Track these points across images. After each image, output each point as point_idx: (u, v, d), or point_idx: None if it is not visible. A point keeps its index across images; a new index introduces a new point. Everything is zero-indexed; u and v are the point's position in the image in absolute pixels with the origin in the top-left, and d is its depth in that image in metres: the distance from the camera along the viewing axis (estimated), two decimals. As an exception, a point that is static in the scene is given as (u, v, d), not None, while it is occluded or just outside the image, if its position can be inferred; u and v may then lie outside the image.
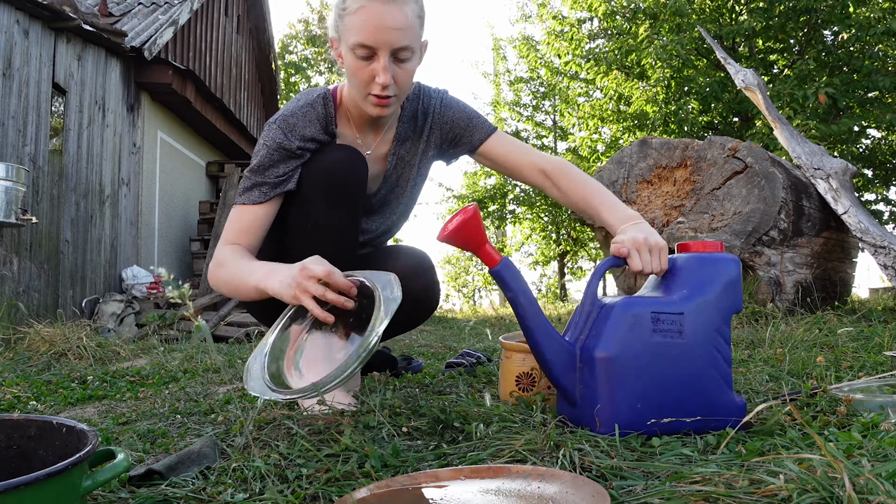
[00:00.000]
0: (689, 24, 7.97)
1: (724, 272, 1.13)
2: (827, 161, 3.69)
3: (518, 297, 1.12)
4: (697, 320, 1.09)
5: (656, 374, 1.06)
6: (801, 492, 0.69)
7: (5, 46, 4.00)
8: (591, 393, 1.07)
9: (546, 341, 1.11)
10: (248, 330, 4.37)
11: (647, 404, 1.06)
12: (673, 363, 1.07)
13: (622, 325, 1.07)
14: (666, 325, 1.08)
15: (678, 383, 1.07)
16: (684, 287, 1.13)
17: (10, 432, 0.80)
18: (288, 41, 16.09)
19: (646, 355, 1.07)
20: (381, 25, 1.18)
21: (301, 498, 0.84)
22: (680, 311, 1.09)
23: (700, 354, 1.08)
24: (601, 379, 1.06)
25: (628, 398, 1.05)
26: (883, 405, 1.08)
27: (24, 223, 3.58)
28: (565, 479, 0.80)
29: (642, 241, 1.15)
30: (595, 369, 1.07)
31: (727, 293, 1.12)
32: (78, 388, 1.98)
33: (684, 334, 1.08)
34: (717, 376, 1.09)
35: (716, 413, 1.08)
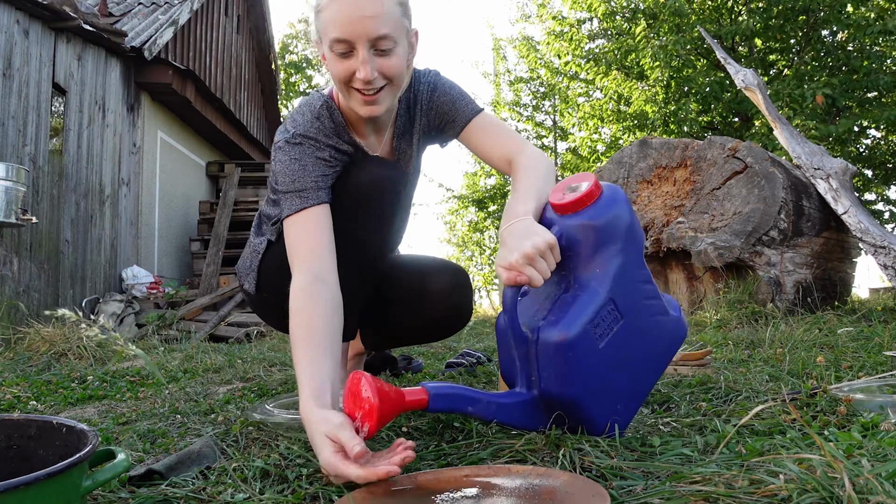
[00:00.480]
0: (688, 25, 7.98)
1: (620, 221, 1.01)
2: (827, 161, 3.69)
3: (465, 409, 0.99)
4: (625, 292, 1.00)
5: (618, 370, 1.01)
6: (801, 492, 0.69)
7: (5, 46, 4.00)
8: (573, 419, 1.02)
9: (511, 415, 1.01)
10: (248, 330, 4.37)
11: (624, 399, 1.03)
12: (625, 347, 1.01)
13: (570, 360, 0.97)
14: (604, 323, 0.99)
15: (637, 357, 1.03)
16: (592, 265, 1.00)
17: (10, 432, 0.80)
18: (288, 41, 16.08)
19: (601, 366, 0.99)
20: (353, 16, 1.10)
21: (301, 498, 0.84)
22: (608, 298, 0.99)
23: (639, 318, 1.02)
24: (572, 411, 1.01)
25: (606, 413, 1.01)
26: (883, 405, 1.08)
27: (25, 223, 3.59)
28: (565, 479, 0.80)
29: (531, 253, 0.97)
30: (563, 407, 1.01)
31: (631, 238, 1.02)
32: (78, 387, 1.98)
33: (620, 314, 1.00)
34: (658, 319, 1.04)
35: (669, 342, 1.06)
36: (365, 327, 1.52)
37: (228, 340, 4.21)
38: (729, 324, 2.97)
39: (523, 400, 1.02)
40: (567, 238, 1.01)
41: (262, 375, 2.11)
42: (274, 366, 2.38)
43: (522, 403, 1.02)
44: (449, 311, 1.42)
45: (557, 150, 13.61)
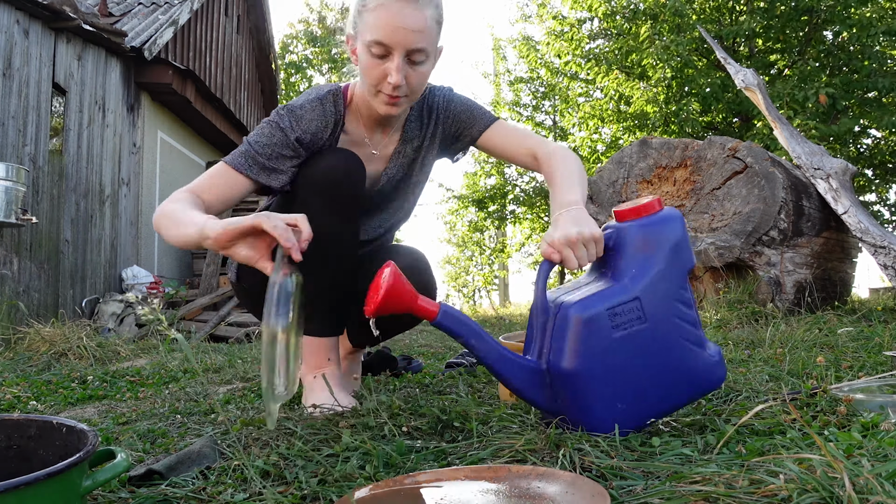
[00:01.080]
0: (688, 25, 7.98)
1: (669, 234, 1.05)
2: (827, 161, 3.69)
3: (468, 339, 1.05)
4: (655, 298, 1.02)
5: (628, 370, 1.02)
6: (801, 492, 0.69)
7: (5, 46, 4.00)
8: (570, 404, 1.04)
9: (509, 370, 1.05)
10: (248, 330, 4.37)
11: (627, 401, 1.03)
12: (641, 352, 1.02)
13: (580, 335, 1.01)
14: (624, 317, 1.02)
15: (652, 368, 1.03)
16: (632, 265, 1.04)
17: (10, 432, 0.80)
18: (288, 41, 16.09)
19: (612, 356, 1.01)
20: (398, 25, 1.18)
21: (301, 498, 0.84)
22: (635, 296, 1.02)
23: (666, 331, 1.03)
24: (573, 393, 1.02)
25: (606, 404, 1.02)
26: (883, 405, 1.08)
27: (25, 223, 3.59)
28: (565, 479, 0.80)
29: (575, 239, 1.06)
30: (565, 384, 1.03)
31: (677, 255, 1.05)
32: (78, 387, 1.98)
33: (645, 317, 1.02)
34: (687, 345, 1.04)
35: (696, 378, 1.04)
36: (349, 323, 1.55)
37: (228, 340, 4.21)
38: (729, 324, 2.96)
39: (529, 365, 1.05)
40: (616, 240, 1.07)
41: (262, 375, 2.11)
42: (274, 366, 2.38)
43: (526, 367, 1.05)
44: None
45: (557, 150, 13.59)
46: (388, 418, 1.16)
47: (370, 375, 1.88)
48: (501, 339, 1.46)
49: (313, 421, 1.18)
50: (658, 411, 1.04)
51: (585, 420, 1.03)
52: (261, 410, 1.39)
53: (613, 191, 3.94)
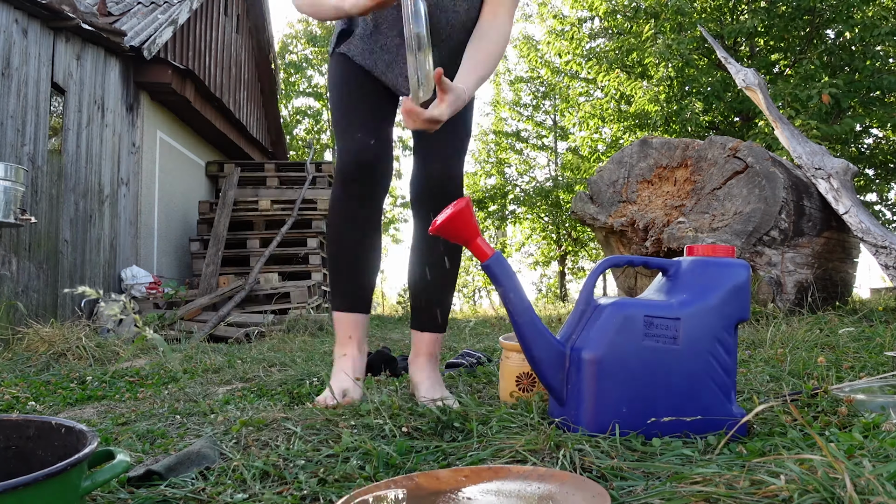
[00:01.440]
0: (690, 24, 7.98)
1: (731, 277, 1.09)
2: (828, 161, 3.69)
3: (508, 292, 1.10)
4: (695, 327, 1.05)
5: (646, 380, 1.04)
6: (802, 492, 0.69)
7: (4, 46, 4.00)
8: (578, 393, 1.06)
9: (535, 338, 1.09)
10: (247, 330, 4.37)
11: (633, 409, 1.04)
12: (664, 370, 1.04)
13: (612, 327, 1.05)
14: (659, 329, 1.05)
15: (669, 391, 1.04)
16: (686, 291, 1.09)
17: (8, 433, 0.80)
18: (288, 41, 16.08)
19: (635, 359, 1.04)
20: None
21: (300, 498, 0.83)
22: (676, 316, 1.06)
23: (695, 362, 1.05)
24: (587, 380, 1.05)
25: (613, 401, 1.03)
26: (884, 406, 1.08)
27: (23, 223, 3.58)
28: (566, 480, 0.80)
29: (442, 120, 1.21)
30: (581, 370, 1.05)
31: (732, 300, 1.08)
32: (77, 388, 1.97)
33: (679, 340, 1.05)
34: (712, 386, 1.05)
35: (708, 410, 1.05)
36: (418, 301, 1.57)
37: (228, 341, 4.21)
38: (729, 324, 2.96)
39: (554, 341, 1.10)
40: (684, 269, 1.14)
41: (262, 376, 2.11)
42: (273, 366, 2.38)
43: (552, 342, 1.10)
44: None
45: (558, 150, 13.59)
46: (388, 418, 1.16)
47: (370, 375, 1.88)
48: (501, 340, 1.46)
49: (313, 421, 1.18)
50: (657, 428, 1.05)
51: (587, 413, 1.05)
52: (261, 410, 1.39)
53: (614, 191, 3.94)
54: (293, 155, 14.88)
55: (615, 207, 3.90)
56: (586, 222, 4.02)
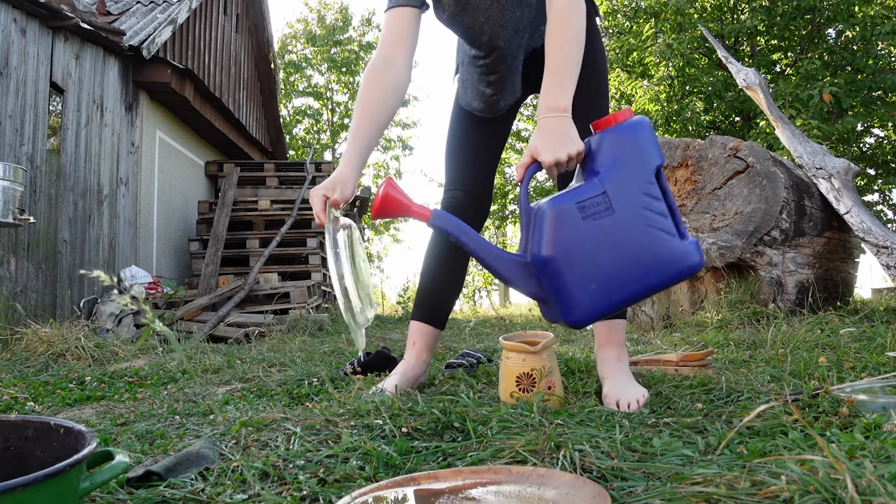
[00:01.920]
0: (690, 23, 7.98)
1: (632, 137, 1.19)
2: (829, 160, 3.68)
3: (460, 237, 1.20)
4: (621, 192, 1.15)
5: (598, 254, 1.14)
6: (803, 493, 0.69)
7: (2, 45, 4.00)
8: (554, 292, 1.16)
9: (498, 263, 1.19)
10: (247, 330, 4.37)
11: (601, 283, 1.14)
12: (610, 238, 1.14)
13: (553, 224, 1.15)
14: (592, 209, 1.15)
15: (621, 253, 1.14)
16: (602, 166, 1.19)
17: (7, 433, 0.79)
18: (287, 40, 16.07)
19: (584, 242, 1.14)
20: None
21: (300, 499, 0.83)
22: (602, 190, 1.15)
23: (632, 220, 1.15)
24: (554, 277, 1.15)
25: (582, 285, 1.13)
26: (885, 406, 1.08)
27: (22, 223, 3.58)
28: (566, 480, 0.80)
29: (563, 160, 1.21)
30: (546, 271, 1.15)
31: (641, 154, 1.18)
32: (76, 388, 1.97)
33: (612, 209, 1.15)
34: (656, 232, 1.15)
35: (666, 263, 1.15)
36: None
37: (227, 341, 4.21)
38: (730, 324, 2.96)
39: (515, 258, 1.20)
40: (592, 148, 1.22)
41: (262, 376, 2.11)
42: (273, 366, 2.38)
43: (513, 260, 1.20)
44: None
45: (557, 150, 13.56)
46: (388, 418, 1.15)
47: (370, 376, 1.87)
48: (501, 340, 1.46)
49: (313, 421, 1.17)
50: (632, 293, 1.15)
51: (566, 302, 1.15)
52: (260, 410, 1.38)
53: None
54: (293, 155, 14.88)
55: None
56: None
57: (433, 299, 1.67)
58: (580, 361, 1.86)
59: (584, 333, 3.63)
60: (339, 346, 3.13)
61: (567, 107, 1.26)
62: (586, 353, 2.15)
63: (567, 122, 1.24)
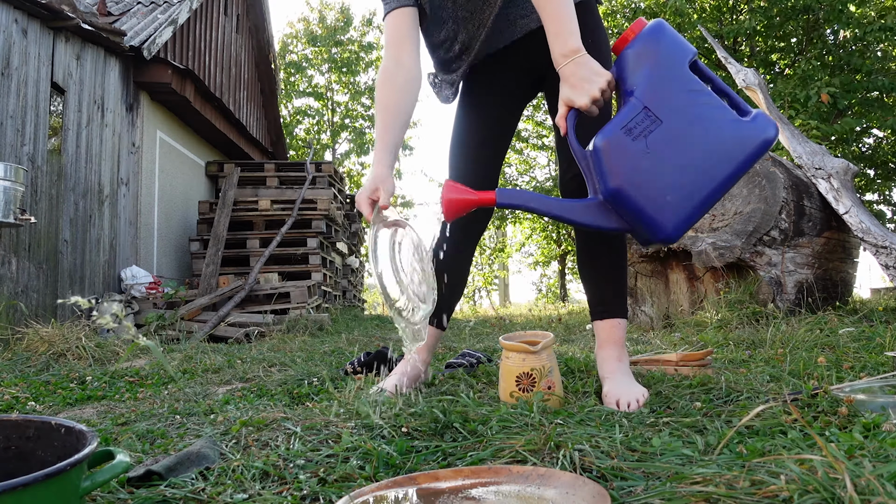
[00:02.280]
0: (689, 24, 7.98)
1: (653, 44, 1.18)
2: (828, 161, 3.68)
3: (530, 204, 1.21)
4: (661, 100, 1.15)
5: (662, 167, 1.13)
6: (803, 492, 0.69)
7: (3, 45, 4.00)
8: (636, 217, 1.16)
9: (574, 213, 1.20)
10: (247, 330, 4.37)
11: (675, 194, 1.13)
12: (669, 146, 1.14)
13: (608, 158, 1.14)
14: (638, 128, 1.15)
15: (686, 156, 1.14)
16: (633, 84, 1.17)
17: (8, 433, 0.80)
18: (288, 40, 16.07)
19: (640, 162, 1.14)
20: None
21: (300, 498, 0.83)
22: (642, 107, 1.15)
23: (686, 120, 1.15)
24: (630, 205, 1.15)
25: (657, 202, 1.13)
26: (884, 406, 1.08)
27: (23, 223, 3.58)
28: (566, 480, 0.80)
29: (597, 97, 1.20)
30: (620, 202, 1.15)
31: (669, 56, 1.18)
32: (77, 388, 1.97)
33: (659, 120, 1.14)
34: (715, 120, 1.15)
35: (737, 144, 1.14)
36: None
37: (228, 341, 4.21)
38: (730, 324, 2.96)
39: (589, 202, 1.21)
40: (618, 72, 1.22)
41: (262, 376, 2.11)
42: (273, 366, 2.38)
43: (588, 205, 1.21)
44: None
45: (557, 150, 13.56)
46: (388, 418, 1.15)
47: (370, 375, 1.87)
48: (501, 340, 1.46)
49: (313, 421, 1.18)
50: (711, 190, 1.14)
51: (650, 223, 1.15)
52: (260, 411, 1.39)
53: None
54: (293, 155, 14.88)
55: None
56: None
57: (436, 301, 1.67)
58: (580, 361, 1.86)
59: (584, 333, 3.63)
60: (339, 345, 3.13)
61: (578, 46, 1.25)
62: (586, 353, 2.16)
63: (585, 59, 1.24)
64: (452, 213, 1.22)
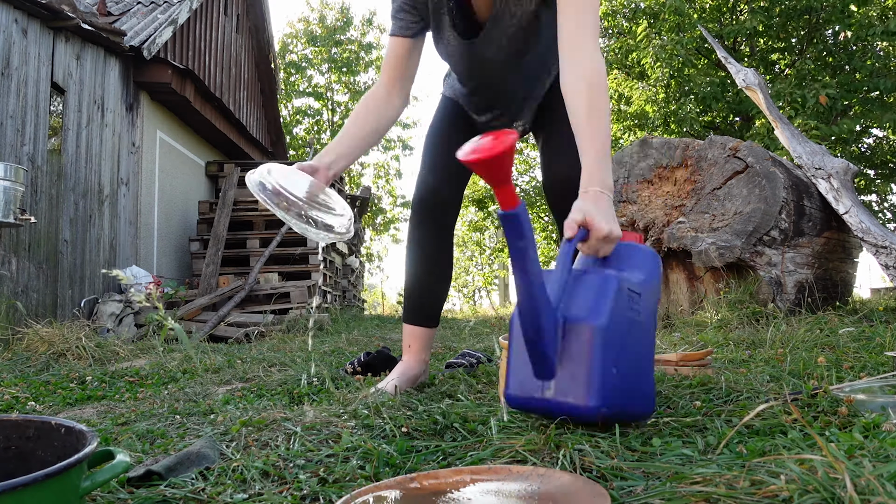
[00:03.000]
0: (689, 24, 7.98)
1: (657, 267, 1.20)
2: (828, 161, 3.69)
3: (529, 248, 0.99)
4: (648, 304, 1.15)
5: (628, 348, 1.09)
6: (803, 492, 0.69)
7: (3, 45, 4.00)
8: (574, 362, 1.03)
9: (544, 305, 1.02)
10: (247, 330, 4.37)
11: (620, 370, 1.06)
12: (636, 340, 1.12)
13: (611, 296, 1.06)
14: (635, 303, 1.12)
15: (636, 361, 1.12)
16: (637, 270, 1.15)
17: (8, 433, 0.80)
18: (288, 40, 16.08)
19: (623, 327, 1.08)
20: None
21: (300, 498, 0.83)
22: (639, 291, 1.13)
23: (648, 337, 1.15)
24: (591, 348, 1.02)
25: (610, 365, 1.05)
26: (884, 406, 1.08)
27: (23, 223, 3.58)
28: (566, 480, 0.80)
29: (613, 239, 1.13)
30: (583, 338, 1.03)
31: (658, 287, 1.20)
32: (76, 388, 1.97)
33: (641, 315, 1.13)
34: (650, 360, 1.16)
35: (645, 395, 1.12)
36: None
37: (228, 341, 4.21)
38: (730, 324, 2.96)
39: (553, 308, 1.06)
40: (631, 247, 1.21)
41: (262, 376, 2.11)
42: (273, 366, 2.38)
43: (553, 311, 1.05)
44: None
45: (557, 150, 13.55)
46: (388, 418, 1.15)
47: (370, 375, 1.88)
48: (501, 340, 1.46)
49: (313, 421, 1.18)
50: (630, 402, 1.09)
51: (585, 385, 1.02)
52: (260, 411, 1.39)
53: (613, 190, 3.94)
54: (293, 155, 14.88)
55: (615, 207, 3.90)
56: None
57: (422, 299, 1.66)
58: (580, 361, 1.86)
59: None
60: (339, 345, 3.13)
61: (610, 183, 1.21)
62: (586, 353, 2.15)
63: (611, 200, 1.19)
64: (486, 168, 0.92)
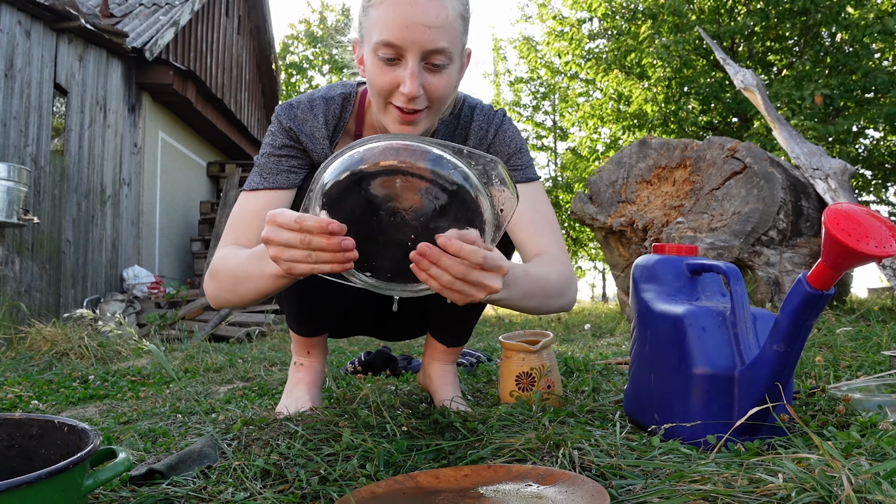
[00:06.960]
0: (687, 25, 7.98)
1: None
2: (826, 161, 3.69)
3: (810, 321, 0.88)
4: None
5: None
6: (800, 491, 0.69)
7: (7, 47, 4.01)
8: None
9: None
10: (248, 329, 4.38)
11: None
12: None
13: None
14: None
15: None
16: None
17: (11, 431, 0.80)
18: (289, 42, 16.09)
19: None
20: (412, 20, 0.96)
21: (301, 497, 0.84)
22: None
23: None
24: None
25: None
26: (881, 404, 1.08)
27: (26, 223, 3.59)
28: (565, 479, 0.80)
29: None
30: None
31: None
32: (79, 387, 1.98)
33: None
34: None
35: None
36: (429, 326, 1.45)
37: (229, 340, 4.22)
38: (729, 324, 2.96)
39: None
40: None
41: (263, 375, 2.12)
42: (274, 365, 2.39)
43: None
44: None
45: (557, 150, 13.60)
46: (388, 418, 1.16)
47: (370, 375, 1.88)
48: (501, 340, 1.46)
49: (314, 420, 1.18)
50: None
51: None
52: (262, 409, 1.39)
53: (613, 191, 3.95)
54: (294, 155, 14.89)
55: (614, 207, 3.91)
56: (585, 222, 4.02)
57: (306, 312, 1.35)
58: (579, 361, 1.87)
59: (583, 333, 3.63)
60: (340, 345, 3.14)
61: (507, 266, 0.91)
62: (585, 353, 2.16)
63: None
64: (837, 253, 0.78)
